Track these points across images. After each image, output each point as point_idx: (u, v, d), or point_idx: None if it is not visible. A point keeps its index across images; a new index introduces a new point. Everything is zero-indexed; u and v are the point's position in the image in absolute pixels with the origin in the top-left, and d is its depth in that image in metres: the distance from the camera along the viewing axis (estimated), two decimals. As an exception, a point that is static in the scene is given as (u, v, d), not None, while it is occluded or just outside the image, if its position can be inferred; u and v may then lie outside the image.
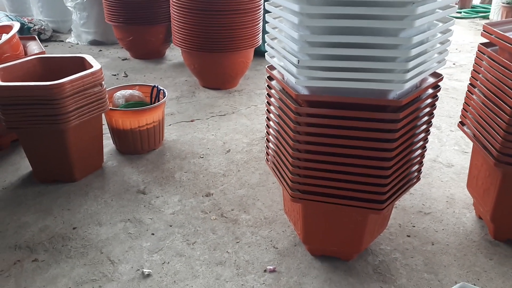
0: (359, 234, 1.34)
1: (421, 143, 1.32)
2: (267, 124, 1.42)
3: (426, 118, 1.28)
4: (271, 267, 1.43)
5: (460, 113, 1.60)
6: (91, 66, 1.82)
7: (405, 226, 1.63)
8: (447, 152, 2.16)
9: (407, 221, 1.65)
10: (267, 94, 1.37)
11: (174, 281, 1.38)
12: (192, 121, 2.50)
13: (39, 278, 1.39)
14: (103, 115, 1.94)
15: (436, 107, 1.30)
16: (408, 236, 1.58)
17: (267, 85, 1.36)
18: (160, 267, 1.43)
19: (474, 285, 1.28)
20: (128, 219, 1.66)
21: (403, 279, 1.39)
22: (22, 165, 2.01)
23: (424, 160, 1.39)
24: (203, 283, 1.37)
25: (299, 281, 1.38)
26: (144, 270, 1.42)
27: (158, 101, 2.18)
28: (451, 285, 1.35)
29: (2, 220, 1.65)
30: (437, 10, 1.12)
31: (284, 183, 1.32)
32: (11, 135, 2.13)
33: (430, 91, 1.25)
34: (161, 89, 2.19)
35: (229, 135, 2.33)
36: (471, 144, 1.62)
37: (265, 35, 1.33)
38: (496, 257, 1.48)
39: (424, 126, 1.29)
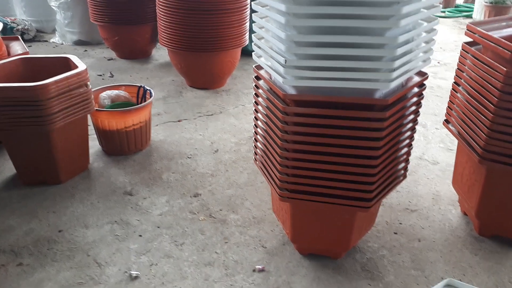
0: (347, 232, 1.35)
1: (407, 141, 1.33)
2: (255, 124, 1.42)
3: (412, 116, 1.29)
4: (260, 267, 1.43)
5: (445, 111, 1.62)
6: (76, 67, 1.80)
7: (392, 224, 1.64)
8: (433, 149, 2.19)
9: (394, 219, 1.67)
10: (255, 94, 1.37)
11: (162, 283, 1.37)
12: (179, 121, 2.49)
13: (24, 283, 1.36)
14: (88, 116, 1.91)
15: (421, 105, 1.32)
16: (395, 233, 1.59)
17: (255, 85, 1.36)
18: (148, 269, 1.42)
19: (460, 280, 1.30)
20: (115, 221, 1.64)
21: (390, 276, 1.40)
22: (6, 167, 1.97)
23: (410, 157, 1.40)
24: (192, 284, 1.37)
25: (288, 280, 1.38)
26: (132, 272, 1.40)
27: (145, 101, 2.16)
28: (438, 281, 1.37)
29: (-15, 224, 1.62)
30: (422, 9, 1.14)
31: (273, 183, 1.32)
32: (-6, 137, 2.09)
33: (416, 89, 1.26)
34: (147, 89, 2.17)
35: (217, 135, 2.32)
36: (456, 141, 1.64)
37: (252, 35, 1.33)
38: (481, 252, 1.50)
39: (410, 125, 1.30)
